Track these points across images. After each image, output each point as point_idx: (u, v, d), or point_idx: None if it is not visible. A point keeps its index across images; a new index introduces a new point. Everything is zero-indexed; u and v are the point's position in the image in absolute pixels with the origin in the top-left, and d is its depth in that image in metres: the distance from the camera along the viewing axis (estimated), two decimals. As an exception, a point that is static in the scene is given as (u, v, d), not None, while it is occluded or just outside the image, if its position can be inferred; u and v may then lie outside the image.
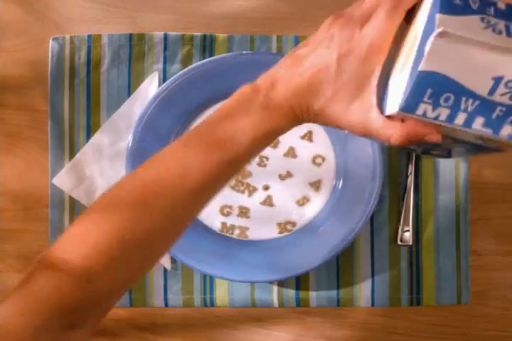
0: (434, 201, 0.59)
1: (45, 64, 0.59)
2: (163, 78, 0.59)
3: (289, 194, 0.58)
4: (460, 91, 0.37)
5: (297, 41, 0.59)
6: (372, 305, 0.59)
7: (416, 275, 0.59)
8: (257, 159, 0.58)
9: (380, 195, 0.56)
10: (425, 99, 0.37)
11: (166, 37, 0.59)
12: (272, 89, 0.39)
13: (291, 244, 0.57)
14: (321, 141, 0.58)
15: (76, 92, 0.59)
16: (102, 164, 0.59)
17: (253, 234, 0.58)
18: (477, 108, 0.38)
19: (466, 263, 0.59)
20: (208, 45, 0.59)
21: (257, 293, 0.59)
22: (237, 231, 0.58)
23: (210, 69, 0.56)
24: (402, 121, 0.38)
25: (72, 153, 0.59)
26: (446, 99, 0.37)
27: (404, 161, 0.59)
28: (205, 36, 0.59)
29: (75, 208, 0.59)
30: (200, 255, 0.56)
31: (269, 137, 0.40)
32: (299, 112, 0.39)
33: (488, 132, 0.38)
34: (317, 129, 0.58)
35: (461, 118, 0.38)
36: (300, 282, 0.59)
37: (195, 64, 0.56)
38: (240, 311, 0.59)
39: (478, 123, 0.38)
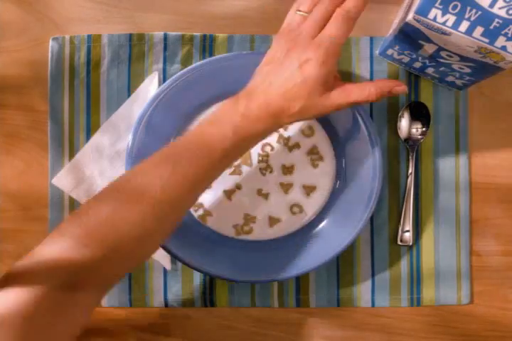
0: (434, 201, 0.59)
1: (45, 64, 0.59)
2: (163, 78, 0.59)
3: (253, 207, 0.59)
4: (466, 0, 0.45)
5: (297, 41, 0.59)
6: (373, 305, 0.59)
7: (416, 276, 0.59)
8: (264, 164, 0.58)
9: (379, 195, 0.56)
10: (437, 4, 0.45)
11: (165, 37, 0.59)
12: (250, 101, 0.46)
13: (292, 245, 0.57)
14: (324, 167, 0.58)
15: (76, 92, 0.59)
16: (101, 164, 0.59)
17: (213, 224, 0.58)
18: (478, 18, 0.45)
19: (467, 263, 0.59)
20: (207, 45, 0.59)
21: (257, 294, 0.59)
22: (200, 211, 0.58)
23: (210, 69, 0.56)
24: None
25: (72, 154, 0.59)
26: (454, 7, 0.45)
27: (404, 161, 0.59)
28: (205, 36, 0.59)
29: (75, 208, 0.59)
30: (199, 255, 0.56)
31: (249, 141, 0.47)
32: (280, 116, 0.46)
33: (485, 41, 0.45)
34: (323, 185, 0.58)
35: (464, 26, 0.45)
36: (300, 282, 0.59)
37: (195, 64, 0.56)
38: (239, 311, 0.59)
39: (477, 32, 0.45)
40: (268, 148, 0.58)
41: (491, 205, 0.60)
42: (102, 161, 0.59)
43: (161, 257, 0.58)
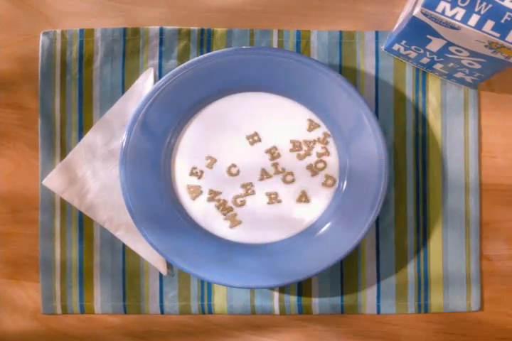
0: (443, 203, 0.58)
1: (35, 60, 0.59)
2: (159, 74, 0.59)
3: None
4: None
5: (299, 36, 0.58)
6: (378, 312, 0.58)
7: (424, 281, 0.58)
8: (269, 163, 0.57)
9: (385, 196, 0.55)
10: None
11: (161, 31, 0.58)
12: None
13: (293, 248, 0.57)
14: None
15: (67, 89, 0.59)
16: (94, 165, 0.58)
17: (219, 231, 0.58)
18: (489, 11, 0.44)
19: (476, 268, 0.58)
20: (205, 39, 0.59)
21: (257, 300, 0.58)
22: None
23: (208, 65, 0.56)
24: None
25: (64, 153, 0.59)
26: (464, 0, 0.44)
27: (411, 161, 0.58)
28: (202, 30, 0.59)
29: (66, 211, 0.59)
30: (197, 260, 0.56)
31: None
32: None
33: (496, 35, 0.44)
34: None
35: (474, 20, 0.44)
36: (302, 288, 0.59)
37: (193, 59, 0.55)
38: (239, 318, 0.59)
39: (488, 26, 0.44)
40: (273, 150, 0.58)
41: (501, 207, 0.59)
42: (94, 161, 0.58)
43: (156, 261, 0.58)
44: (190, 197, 0.58)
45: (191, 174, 0.58)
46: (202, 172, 0.58)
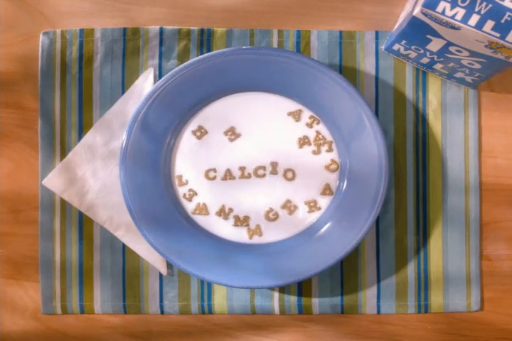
0: (443, 203, 0.58)
1: (35, 59, 0.59)
2: (159, 74, 0.59)
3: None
4: None
5: (299, 36, 0.58)
6: (378, 312, 0.58)
7: (424, 281, 0.58)
8: (269, 163, 0.57)
9: (385, 196, 0.55)
10: None
11: (161, 31, 0.58)
12: None
13: (293, 249, 0.57)
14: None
15: (67, 89, 0.59)
16: (94, 164, 0.58)
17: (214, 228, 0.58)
18: (489, 11, 0.44)
19: (477, 268, 0.58)
20: (205, 39, 0.59)
21: (257, 300, 0.58)
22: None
23: (208, 65, 0.56)
24: None
25: (64, 153, 0.59)
26: (464, 0, 0.44)
27: (411, 161, 0.58)
28: (202, 30, 0.59)
29: (66, 211, 0.59)
30: (197, 260, 0.56)
31: None
32: None
33: (496, 35, 0.45)
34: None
35: (474, 20, 0.45)
36: (302, 288, 0.59)
37: (193, 59, 0.55)
38: (239, 318, 0.59)
39: (488, 26, 0.44)
40: (275, 149, 0.58)
41: (501, 207, 0.59)
42: (94, 161, 0.58)
43: (156, 261, 0.58)
44: (202, 215, 0.58)
45: (184, 197, 0.58)
46: (195, 193, 0.58)
